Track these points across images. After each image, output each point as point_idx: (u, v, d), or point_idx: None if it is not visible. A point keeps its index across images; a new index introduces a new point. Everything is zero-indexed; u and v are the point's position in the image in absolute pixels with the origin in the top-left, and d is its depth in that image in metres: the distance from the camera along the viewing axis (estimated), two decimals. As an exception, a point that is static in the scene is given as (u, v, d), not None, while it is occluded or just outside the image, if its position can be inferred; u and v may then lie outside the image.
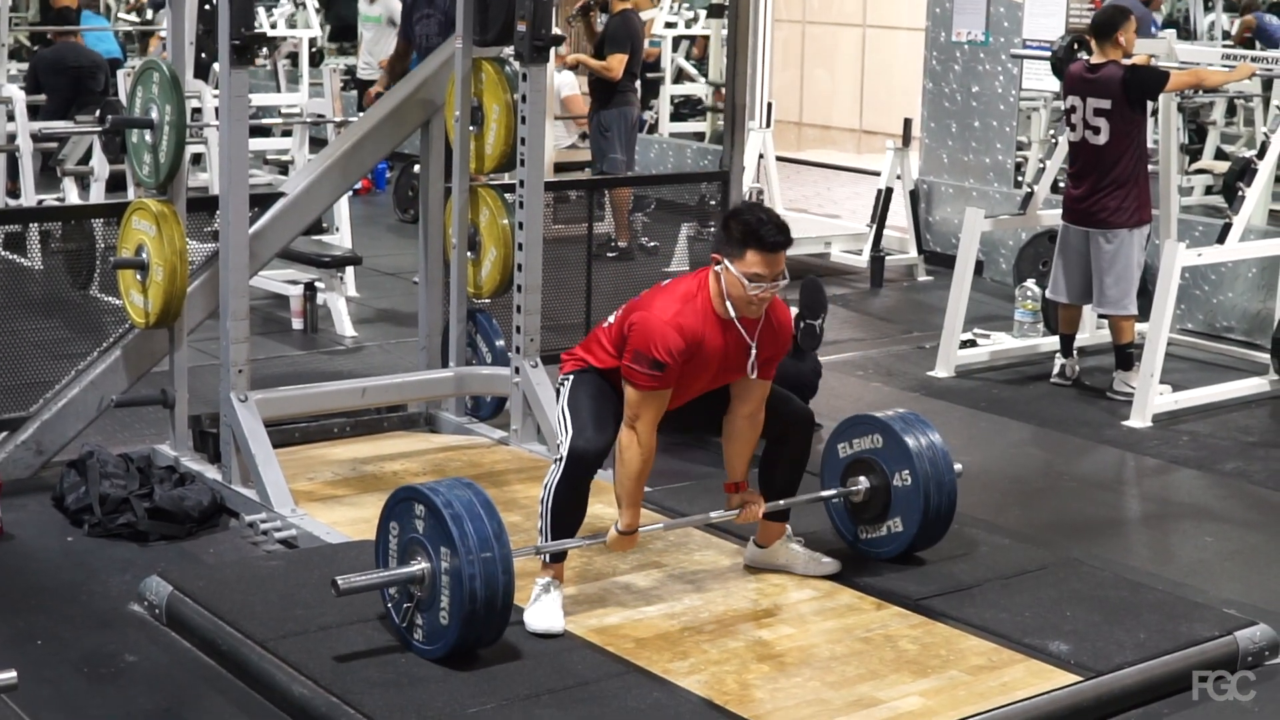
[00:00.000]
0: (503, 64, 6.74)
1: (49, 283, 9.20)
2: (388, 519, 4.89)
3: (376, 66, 15.04)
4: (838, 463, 5.70)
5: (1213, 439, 7.76)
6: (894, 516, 5.57)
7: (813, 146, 18.68)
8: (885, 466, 5.56)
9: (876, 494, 5.59)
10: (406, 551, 4.80)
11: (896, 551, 5.60)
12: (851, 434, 5.68)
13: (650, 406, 5.00)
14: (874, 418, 5.64)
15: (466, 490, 4.76)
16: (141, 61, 9.80)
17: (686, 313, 5.00)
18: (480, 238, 6.89)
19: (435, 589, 4.69)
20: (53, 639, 5.15)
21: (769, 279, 4.95)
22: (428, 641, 4.77)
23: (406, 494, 4.84)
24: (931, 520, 5.54)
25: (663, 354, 4.93)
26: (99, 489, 6.11)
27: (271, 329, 9.34)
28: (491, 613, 4.67)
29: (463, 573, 4.59)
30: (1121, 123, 8.16)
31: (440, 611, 4.69)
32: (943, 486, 5.52)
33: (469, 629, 4.66)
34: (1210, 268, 9.44)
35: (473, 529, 4.63)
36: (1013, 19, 11.23)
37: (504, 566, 4.65)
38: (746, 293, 4.95)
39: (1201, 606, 5.47)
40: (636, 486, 5.06)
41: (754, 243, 4.92)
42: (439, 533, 4.66)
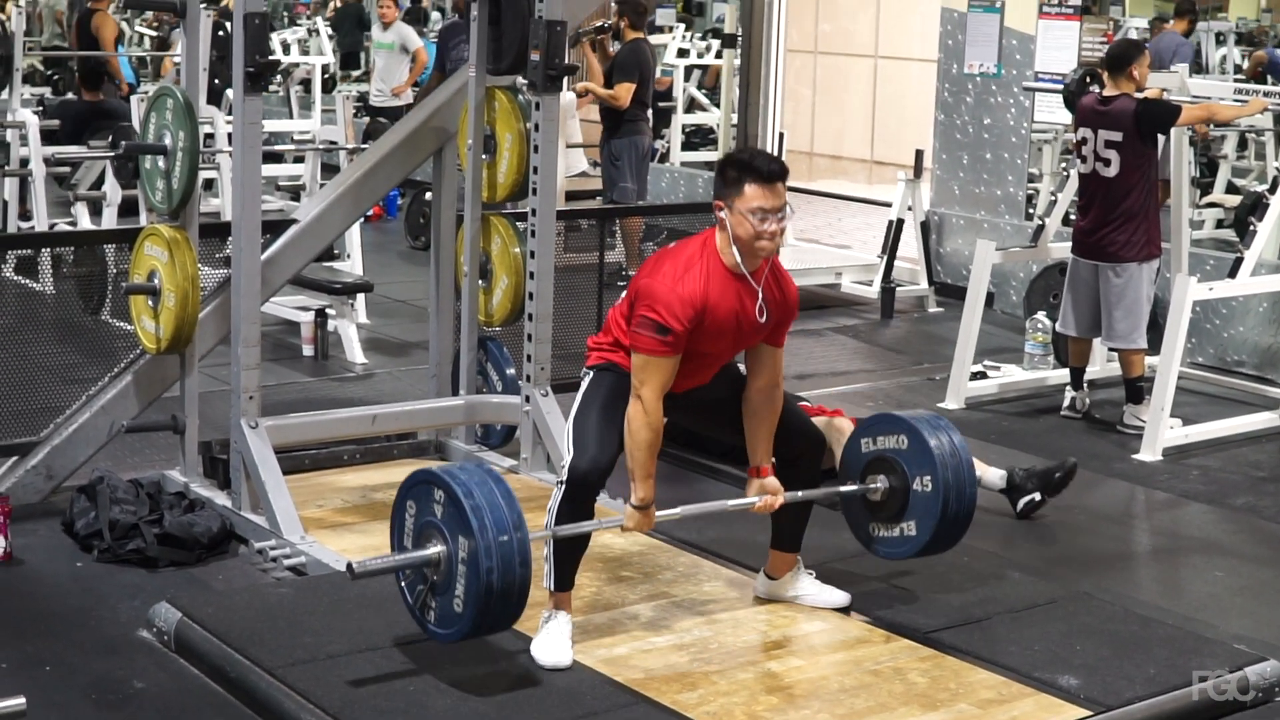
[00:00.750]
0: (516, 93, 6.75)
1: (60, 307, 9.21)
2: (405, 498, 4.84)
3: (389, 93, 15.12)
4: (859, 457, 5.57)
5: (1223, 473, 7.75)
6: (909, 520, 5.45)
7: (824, 177, 18.71)
8: (907, 469, 5.43)
9: (894, 495, 5.45)
10: (422, 534, 4.75)
11: (907, 555, 5.51)
12: (876, 430, 5.55)
13: (656, 373, 4.94)
14: (901, 418, 5.52)
15: (486, 477, 4.70)
16: (155, 87, 9.82)
17: (693, 275, 4.96)
18: (492, 266, 6.90)
19: (451, 574, 4.65)
20: (61, 665, 5.15)
21: (773, 211, 4.93)
22: (441, 625, 4.74)
23: (425, 477, 4.78)
24: (947, 529, 5.42)
25: (668, 318, 4.89)
26: (109, 514, 6.11)
27: (282, 355, 9.35)
28: (507, 602, 4.63)
29: (480, 562, 4.54)
30: (1132, 155, 8.16)
31: (455, 598, 4.64)
32: (963, 496, 5.39)
33: (484, 617, 4.62)
34: (1221, 302, 9.43)
35: (492, 520, 4.57)
36: (1025, 52, 11.24)
37: (522, 559, 4.61)
38: (754, 228, 4.92)
39: (1211, 642, 5.46)
40: (648, 458, 4.98)
41: (750, 175, 4.93)
42: (458, 521, 4.62)
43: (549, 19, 6.35)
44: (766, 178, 4.93)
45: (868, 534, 5.61)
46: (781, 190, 4.96)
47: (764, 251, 4.99)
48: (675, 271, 4.97)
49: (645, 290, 4.96)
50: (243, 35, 6.03)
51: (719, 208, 4.99)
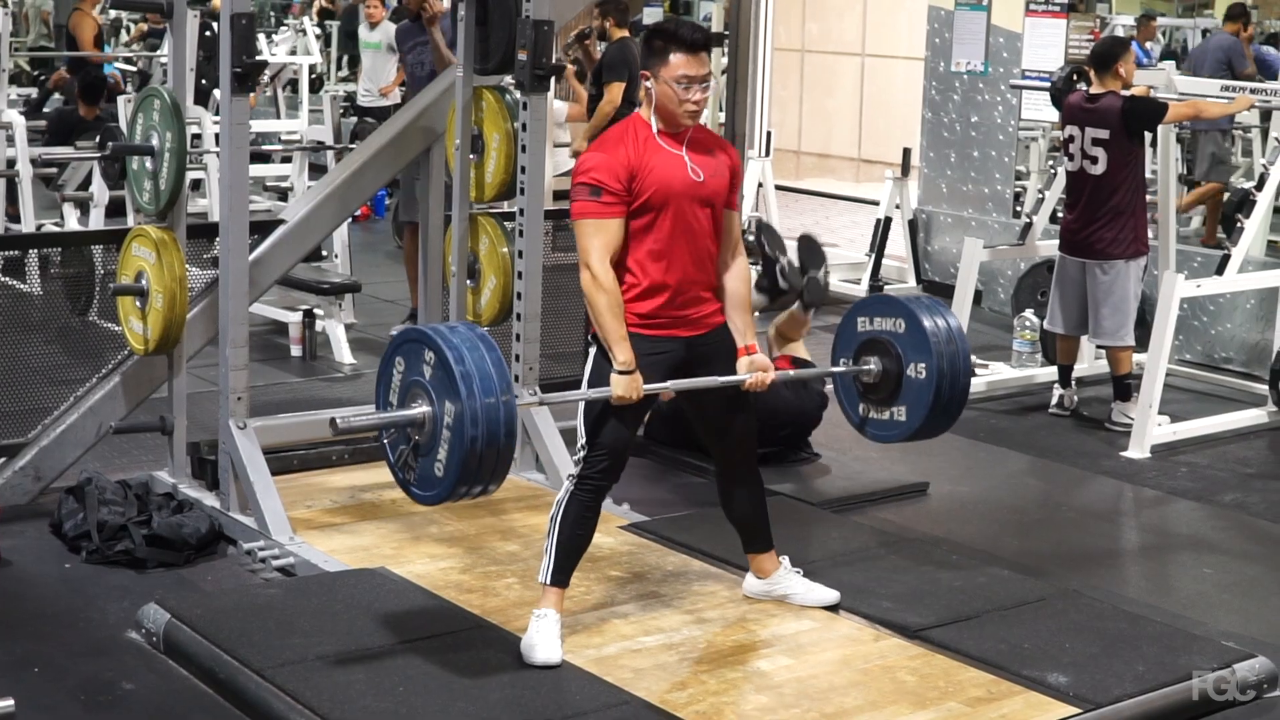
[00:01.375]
0: (503, 92, 6.75)
1: (48, 308, 9.19)
2: (393, 355, 4.79)
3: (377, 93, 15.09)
4: (854, 336, 5.52)
5: (1211, 470, 7.76)
6: (901, 405, 5.41)
7: (811, 175, 18.72)
8: (902, 353, 5.38)
9: (887, 378, 5.42)
10: (409, 392, 4.71)
11: (895, 439, 5.51)
12: (873, 311, 5.50)
13: (596, 235, 4.94)
14: (899, 301, 5.47)
15: (479, 344, 4.65)
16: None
17: (620, 143, 5.01)
18: (480, 266, 6.90)
19: (435, 436, 4.61)
20: (50, 666, 5.14)
21: (697, 79, 4.97)
22: (421, 486, 4.72)
23: (417, 336, 4.73)
24: (938, 417, 5.39)
25: (601, 177, 4.93)
26: (97, 516, 6.10)
27: (270, 356, 9.34)
28: (489, 469, 4.60)
29: (465, 428, 4.51)
30: (1119, 153, 8.17)
31: (437, 461, 4.62)
32: (956, 385, 5.36)
33: (464, 482, 4.60)
34: (1209, 299, 9.45)
35: (480, 386, 4.53)
36: (1012, 50, 11.25)
37: (507, 427, 4.57)
38: (678, 96, 4.97)
39: (1200, 639, 5.46)
40: (613, 320, 4.94)
41: (675, 43, 4.98)
42: (445, 385, 4.57)
43: (536, 18, 6.35)
44: (690, 46, 4.98)
45: (859, 415, 5.58)
46: (706, 60, 5.02)
47: (687, 121, 5.04)
48: (603, 143, 5.05)
49: (579, 164, 5.03)
50: (229, 36, 6.02)
51: (645, 77, 5.04)
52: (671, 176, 5.02)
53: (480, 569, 5.82)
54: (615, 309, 4.95)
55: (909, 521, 6.75)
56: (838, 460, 7.49)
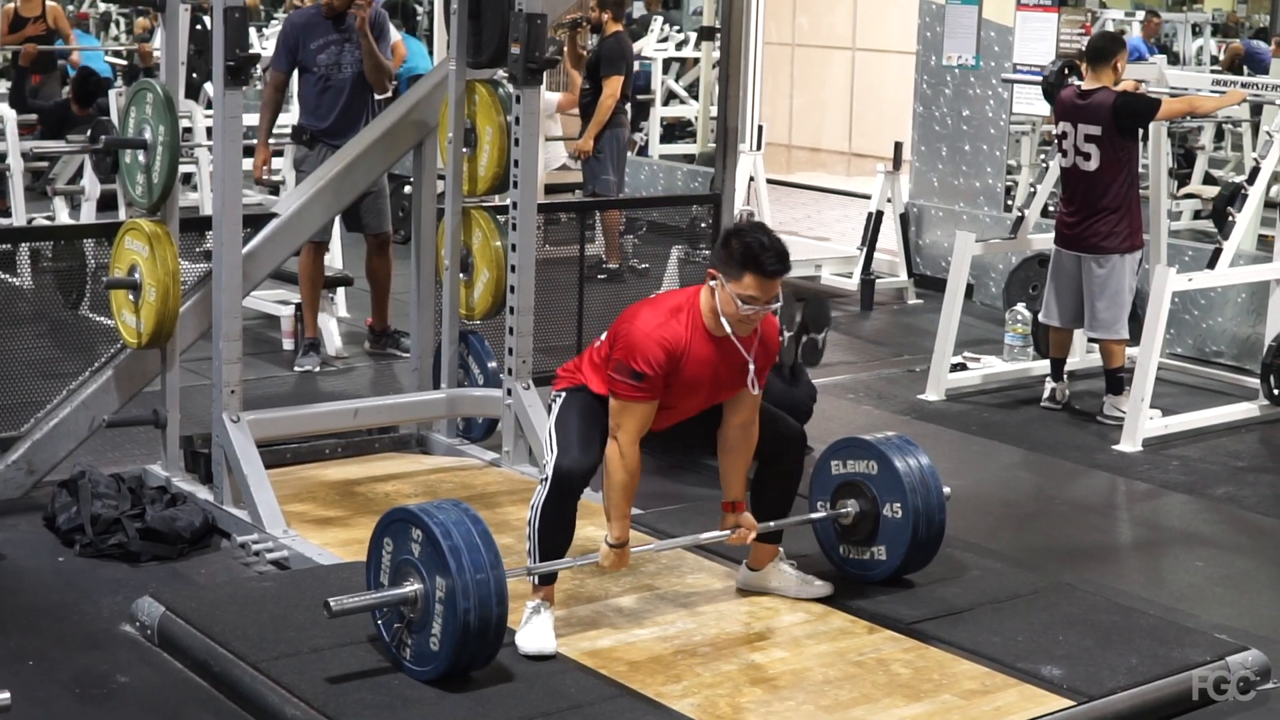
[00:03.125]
0: (496, 86, 6.75)
1: (40, 302, 9.18)
2: (382, 535, 4.87)
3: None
4: (829, 480, 5.68)
5: (1203, 464, 7.78)
6: (880, 544, 5.56)
7: (803, 169, 18.72)
8: (877, 494, 5.54)
9: (865, 519, 5.57)
10: (400, 572, 4.78)
11: (879, 577, 5.60)
12: (846, 455, 5.67)
13: (632, 418, 5.00)
14: (871, 444, 5.61)
15: (464, 517, 4.73)
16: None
17: (671, 325, 5.01)
18: (473, 259, 6.90)
19: (428, 613, 4.68)
20: (44, 660, 5.14)
21: (763, 302, 4.96)
22: (417, 663, 4.76)
23: (402, 515, 4.82)
24: (916, 554, 5.54)
25: (642, 364, 4.94)
26: (90, 509, 6.10)
27: (262, 349, 9.33)
28: (484, 641, 4.67)
29: (457, 602, 4.58)
30: (1112, 149, 8.18)
31: (431, 637, 4.68)
32: (932, 522, 5.52)
33: (460, 655, 4.66)
34: (1200, 293, 9.46)
35: (469, 560, 4.61)
36: (1003, 43, 11.26)
37: (498, 596, 4.65)
38: (739, 312, 4.95)
39: (1193, 631, 5.47)
40: (622, 499, 5.05)
41: (753, 267, 4.91)
42: (435, 561, 4.65)
43: (529, 12, 6.34)
44: (769, 275, 4.93)
45: (839, 555, 5.70)
46: (778, 284, 4.97)
47: (744, 331, 5.04)
48: (655, 319, 5.02)
49: (624, 335, 5.02)
50: (222, 30, 6.02)
51: (712, 275, 5.01)
52: (704, 377, 5.09)
53: (474, 562, 5.81)
54: (629, 490, 5.07)
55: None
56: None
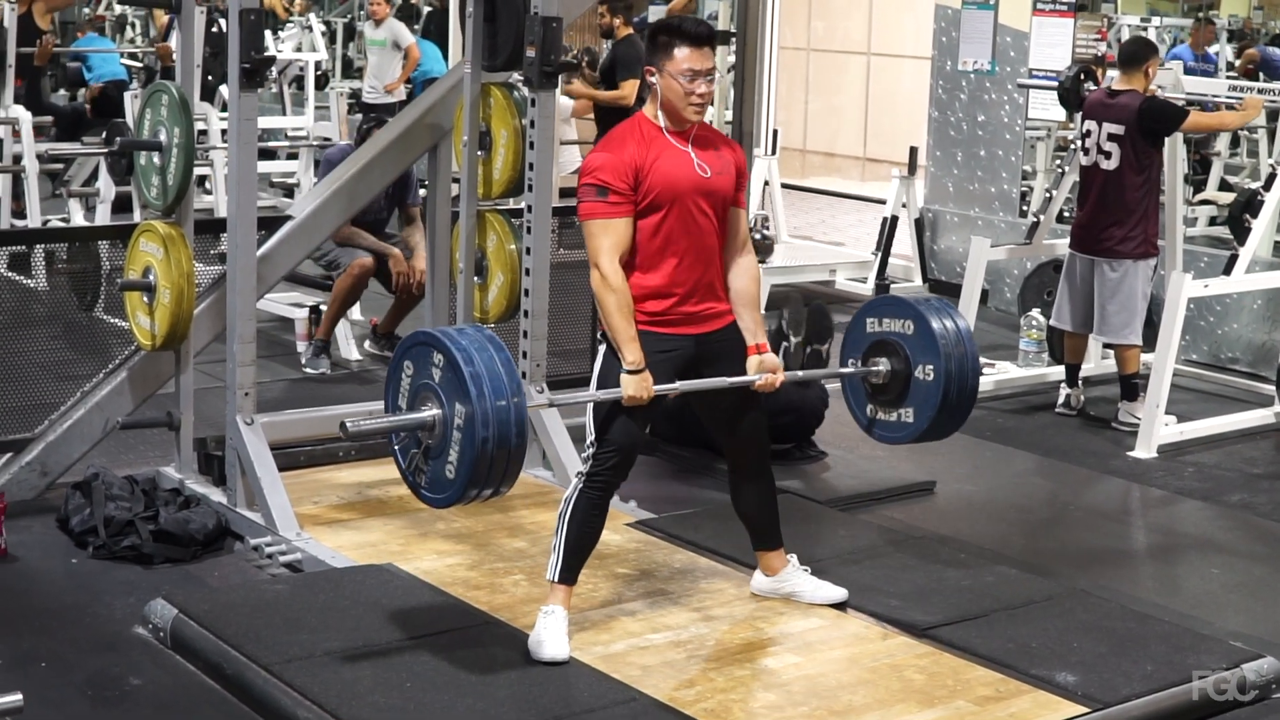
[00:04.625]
0: (511, 89, 6.75)
1: (54, 304, 9.19)
2: (402, 359, 4.78)
3: (382, 90, 15.11)
4: (863, 337, 5.51)
5: (1218, 470, 7.75)
6: (908, 406, 5.42)
7: (818, 174, 18.71)
8: (910, 355, 5.38)
9: (896, 379, 5.42)
10: (418, 396, 4.69)
11: (902, 440, 5.51)
12: (883, 312, 5.50)
13: (606, 235, 4.95)
14: (908, 303, 5.46)
15: (487, 345, 4.63)
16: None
17: (624, 142, 5.03)
18: (487, 262, 6.89)
19: (445, 439, 4.60)
20: (57, 661, 5.14)
21: (702, 73, 5.00)
22: (432, 489, 4.71)
23: (425, 338, 4.72)
24: (945, 418, 5.40)
25: (605, 178, 4.95)
26: (104, 511, 6.10)
27: (276, 352, 9.33)
28: (500, 471, 4.58)
29: (476, 431, 4.49)
30: (1133, 151, 8.17)
31: (448, 464, 4.60)
32: (964, 388, 5.36)
33: (475, 484, 4.59)
34: (1216, 299, 9.44)
35: (490, 387, 4.51)
36: (1019, 49, 11.24)
37: (518, 428, 4.55)
38: (683, 89, 4.99)
39: (1208, 639, 5.45)
40: (623, 321, 4.94)
41: (679, 37, 5.00)
42: (455, 386, 4.56)
43: (544, 15, 6.34)
44: (695, 40, 5.00)
45: (866, 416, 5.58)
46: (710, 53, 5.05)
47: (692, 116, 5.05)
48: (609, 142, 5.07)
49: (585, 165, 5.06)
50: (238, 32, 6.02)
51: (649, 73, 5.07)
52: (678, 174, 5.03)
53: (487, 566, 5.82)
54: (625, 309, 4.96)
55: (916, 520, 6.74)
56: (844, 458, 7.49)
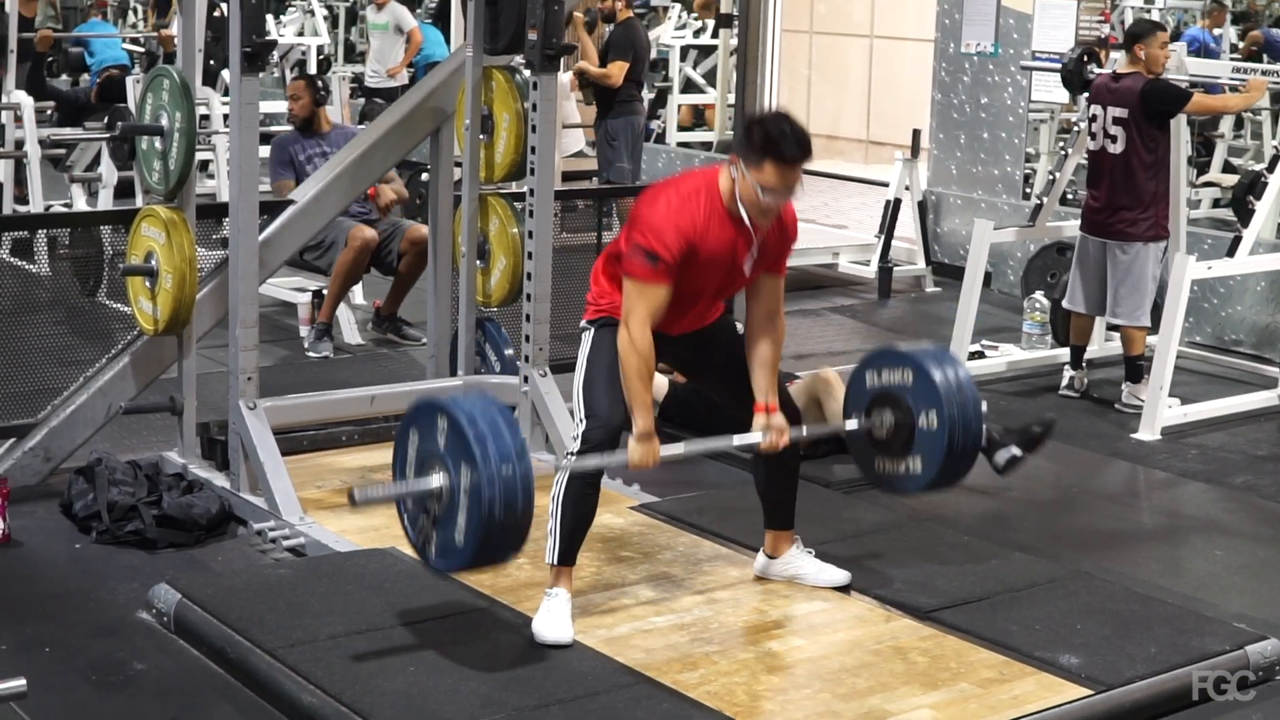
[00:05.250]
0: (513, 72, 6.74)
1: (57, 289, 9.19)
2: (408, 427, 4.80)
3: (384, 75, 15.10)
4: (864, 392, 5.49)
5: (1222, 452, 7.75)
6: (915, 456, 5.37)
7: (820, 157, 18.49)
8: (912, 404, 5.35)
9: (900, 431, 5.37)
10: (425, 464, 4.70)
11: (912, 491, 5.48)
12: (881, 364, 5.47)
13: (643, 300, 4.88)
14: (906, 353, 5.45)
15: (490, 407, 4.65)
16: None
17: (689, 208, 4.91)
18: (489, 246, 6.89)
19: (453, 505, 4.59)
20: (61, 647, 5.14)
21: (783, 191, 4.88)
22: (443, 556, 4.70)
23: (429, 406, 4.73)
24: (953, 464, 5.36)
25: (659, 246, 4.84)
26: (107, 496, 6.10)
27: (279, 336, 9.33)
28: (508, 534, 4.59)
29: (482, 493, 4.49)
30: (1138, 133, 8.15)
31: (457, 529, 4.60)
32: (969, 431, 5.32)
33: (485, 549, 4.59)
34: (1219, 281, 9.43)
35: (495, 448, 4.51)
36: (1022, 31, 11.22)
37: (524, 487, 4.55)
38: (759, 201, 4.87)
39: (1212, 620, 5.45)
40: (641, 386, 4.91)
41: (773, 155, 4.81)
42: (460, 449, 4.56)
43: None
44: (790, 161, 4.83)
45: (874, 471, 5.54)
46: (799, 171, 4.87)
47: (761, 220, 4.94)
48: (673, 203, 4.92)
49: (643, 219, 4.92)
50: (239, 16, 6.01)
51: (734, 161, 4.92)
52: (722, 260, 4.98)
53: (490, 549, 5.80)
54: (645, 374, 4.93)
55: (919, 503, 6.70)
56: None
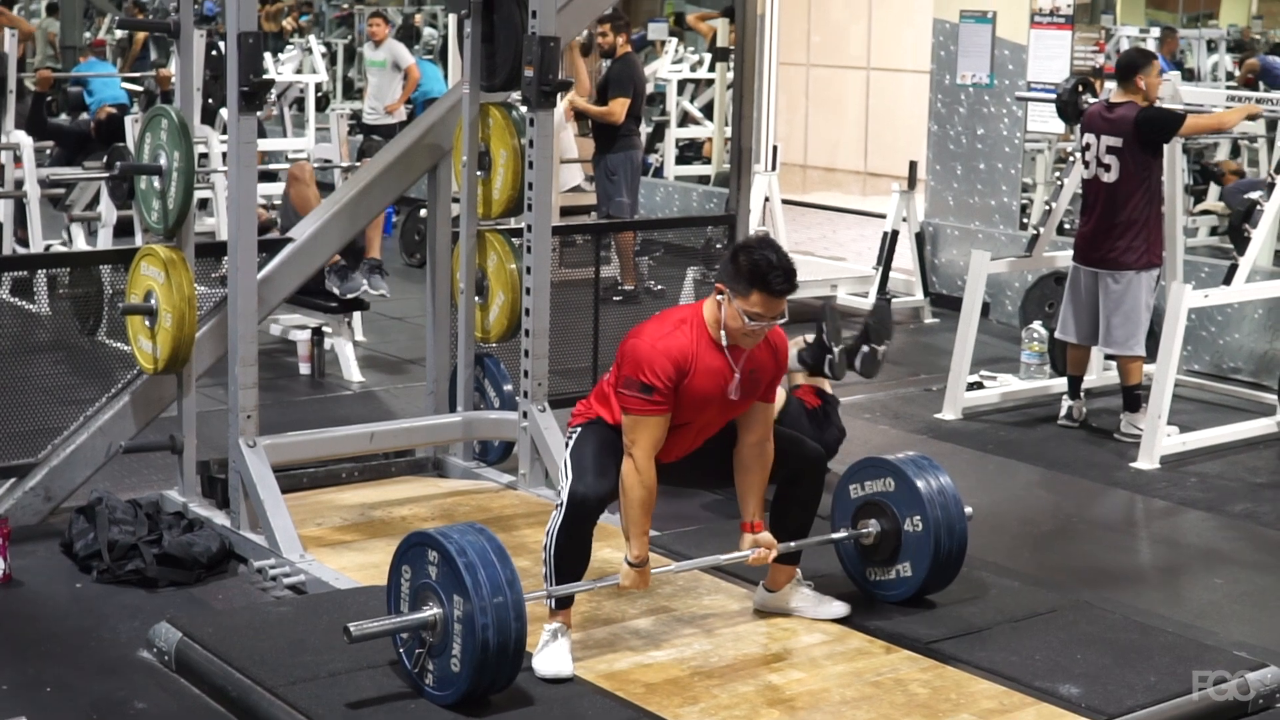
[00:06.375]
0: (510, 109, 6.76)
1: (57, 328, 9.21)
2: (400, 563, 4.88)
3: (382, 111, 15.14)
4: (849, 504, 5.70)
5: (1221, 480, 7.75)
6: (904, 561, 5.56)
7: (818, 189, 18.71)
8: (897, 510, 5.56)
9: (887, 538, 5.58)
10: (418, 597, 4.79)
11: (905, 595, 5.59)
12: (863, 476, 5.68)
13: (644, 432, 4.98)
14: (886, 461, 5.64)
15: (479, 537, 4.74)
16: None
17: (677, 337, 5.00)
18: (488, 282, 6.91)
19: (447, 635, 4.68)
20: (62, 686, 5.14)
21: (768, 319, 4.97)
22: (439, 687, 4.75)
23: (419, 539, 4.82)
24: (941, 566, 5.53)
25: (650, 377, 4.93)
26: (107, 535, 6.11)
27: (279, 374, 9.35)
28: (504, 660, 4.66)
29: (475, 620, 4.58)
30: (1132, 163, 8.17)
31: (452, 659, 4.67)
32: (954, 532, 5.52)
33: (481, 676, 4.64)
34: (1217, 309, 9.44)
35: (485, 576, 4.62)
36: (1017, 62, 11.26)
37: (516, 614, 4.65)
38: (745, 327, 4.96)
39: (1212, 649, 5.45)
40: (640, 516, 5.03)
41: (760, 285, 4.92)
42: (452, 579, 4.65)
43: (542, 35, 6.36)
44: (776, 294, 4.93)
45: (864, 579, 5.70)
46: (784, 302, 4.98)
47: (747, 344, 5.05)
48: (659, 332, 5.03)
49: (630, 351, 5.02)
50: (236, 55, 6.03)
51: (719, 290, 5.02)
52: (711, 392, 5.06)
53: (491, 585, 5.81)
54: (647, 506, 5.04)
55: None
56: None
